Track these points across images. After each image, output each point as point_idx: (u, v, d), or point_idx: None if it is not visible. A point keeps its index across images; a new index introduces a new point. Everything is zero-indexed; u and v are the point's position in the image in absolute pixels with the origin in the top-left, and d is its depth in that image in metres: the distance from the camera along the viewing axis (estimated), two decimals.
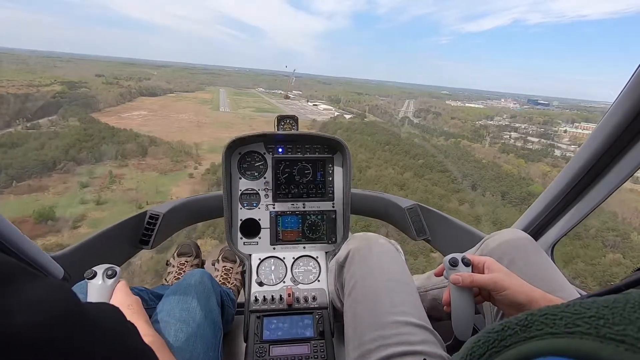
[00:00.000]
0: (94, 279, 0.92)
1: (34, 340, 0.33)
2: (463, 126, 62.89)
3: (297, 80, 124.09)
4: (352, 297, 1.05)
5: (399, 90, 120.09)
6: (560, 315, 0.38)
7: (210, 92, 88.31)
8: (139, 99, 67.98)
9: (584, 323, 0.35)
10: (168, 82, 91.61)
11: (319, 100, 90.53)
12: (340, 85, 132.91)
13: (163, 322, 0.99)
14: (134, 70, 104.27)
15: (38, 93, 50.40)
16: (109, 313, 0.56)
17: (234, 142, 1.60)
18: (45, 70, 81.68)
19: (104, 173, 26.40)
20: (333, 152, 1.72)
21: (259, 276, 1.57)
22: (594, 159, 1.11)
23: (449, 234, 1.82)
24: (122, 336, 0.52)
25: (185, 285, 1.13)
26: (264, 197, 1.69)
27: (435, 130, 59.17)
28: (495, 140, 51.13)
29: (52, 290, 0.41)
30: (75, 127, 36.86)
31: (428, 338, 0.88)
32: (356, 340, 0.93)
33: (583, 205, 1.25)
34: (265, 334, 1.38)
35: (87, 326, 0.42)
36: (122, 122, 45.94)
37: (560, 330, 0.36)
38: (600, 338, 0.32)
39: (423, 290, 1.39)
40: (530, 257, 1.05)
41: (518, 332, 0.41)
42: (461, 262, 0.92)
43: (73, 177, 24.88)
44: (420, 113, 79.21)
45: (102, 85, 69.38)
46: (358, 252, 1.14)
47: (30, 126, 36.46)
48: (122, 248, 1.70)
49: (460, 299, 0.89)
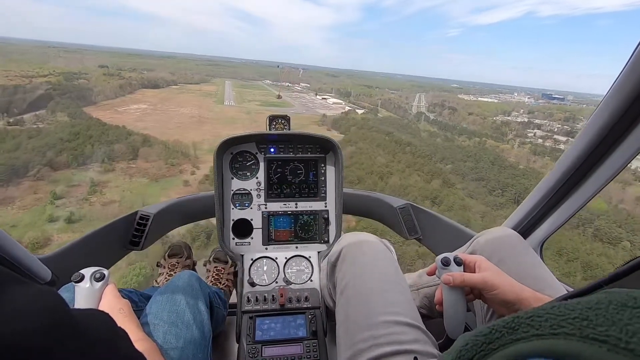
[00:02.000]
0: (81, 282, 0.88)
1: (19, 349, 0.32)
2: (483, 123, 58.28)
3: (304, 72, 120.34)
4: (344, 296, 1.04)
5: (408, 83, 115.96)
6: (546, 317, 0.38)
7: (214, 84, 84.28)
8: (140, 91, 64.00)
9: (568, 324, 0.35)
10: (172, 74, 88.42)
11: (327, 94, 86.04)
12: (348, 77, 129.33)
13: (151, 325, 0.97)
14: (138, 61, 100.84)
15: (30, 85, 46.49)
16: (99, 320, 0.55)
17: (226, 142, 1.57)
18: (48, 61, 78.25)
19: (84, 180, 22.46)
20: (325, 152, 1.70)
21: (251, 276, 1.55)
22: (583, 156, 1.12)
23: (440, 232, 1.81)
24: (112, 344, 0.50)
25: (173, 287, 1.10)
26: (256, 197, 1.66)
27: (454, 127, 54.39)
28: (520, 140, 46.85)
29: (40, 297, 0.40)
30: (63, 123, 32.93)
31: (419, 337, 0.88)
32: (348, 339, 0.93)
33: (571, 202, 1.26)
34: (258, 335, 1.37)
35: (75, 335, 0.41)
36: (118, 117, 41.92)
37: (545, 332, 0.37)
38: (584, 339, 0.32)
39: (414, 288, 1.39)
40: (519, 255, 1.06)
41: (505, 335, 0.41)
42: (453, 261, 0.93)
43: (47, 186, 20.92)
44: (435, 108, 74.87)
45: (103, 76, 65.69)
46: (350, 252, 1.13)
47: (14, 122, 32.67)
48: (111, 250, 1.65)
49: (452, 298, 0.91)
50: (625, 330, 0.31)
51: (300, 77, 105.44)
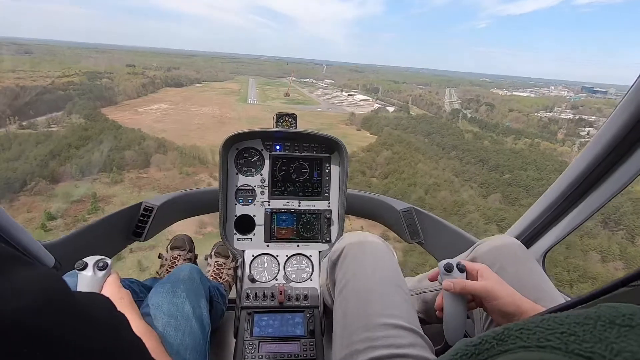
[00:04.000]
0: (84, 270, 0.89)
1: (19, 326, 0.32)
2: (527, 121, 52.09)
3: (328, 68, 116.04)
4: (342, 295, 1.02)
5: (435, 77, 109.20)
6: (534, 330, 0.38)
7: (238, 82, 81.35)
8: (163, 90, 61.73)
9: (555, 338, 0.35)
10: (197, 72, 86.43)
11: (354, 90, 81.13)
12: (373, 73, 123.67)
13: (151, 316, 0.97)
14: (165, 59, 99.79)
15: (52, 85, 45.06)
16: (100, 303, 0.54)
17: (232, 138, 1.56)
18: (78, 61, 78.04)
19: (88, 194, 19.57)
20: (330, 152, 1.68)
21: (251, 273, 1.54)
22: (591, 166, 1.09)
23: (442, 237, 1.78)
24: (112, 326, 0.50)
25: (174, 279, 1.10)
26: (259, 194, 1.64)
27: (495, 126, 48.60)
28: (573, 140, 40.89)
29: (42, 277, 0.40)
30: (76, 126, 30.53)
31: (416, 341, 0.86)
32: (345, 339, 0.92)
33: (577, 213, 1.22)
34: (256, 331, 1.36)
35: (76, 315, 0.41)
36: (137, 118, 39.40)
37: (532, 344, 0.37)
38: (569, 354, 0.32)
39: (414, 292, 1.37)
40: (520, 265, 1.04)
41: (494, 346, 0.41)
42: (456, 267, 0.92)
43: (44, 202, 18.15)
44: (470, 104, 68.92)
45: (127, 75, 64.26)
46: (351, 251, 1.11)
47: (27, 125, 30.53)
48: (114, 239, 1.65)
49: (453, 304, 0.90)
50: (610, 349, 0.30)
51: (324, 73, 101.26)
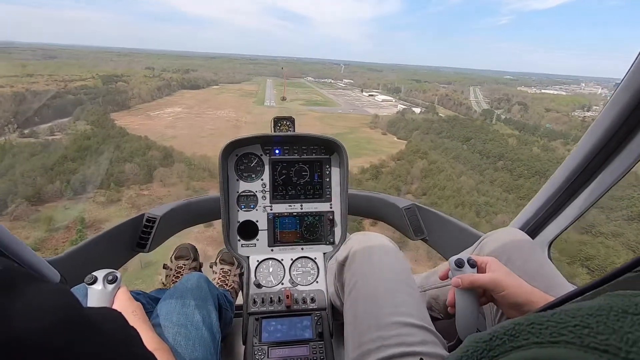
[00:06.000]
0: (94, 284, 0.88)
1: (34, 345, 0.32)
2: (569, 122, 46.75)
3: (346, 68, 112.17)
4: (352, 296, 1.02)
5: (458, 76, 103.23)
6: (546, 325, 0.37)
7: (255, 83, 78.42)
8: (179, 92, 59.27)
9: (569, 332, 0.34)
10: (215, 73, 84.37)
11: (374, 90, 76.66)
12: (392, 72, 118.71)
13: (161, 326, 0.97)
14: (185, 62, 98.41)
15: (64, 89, 43.20)
16: (112, 318, 0.54)
17: (231, 144, 1.55)
18: (98, 65, 77.21)
19: (75, 218, 16.55)
20: (330, 153, 1.67)
21: (257, 278, 1.53)
22: (591, 155, 1.09)
23: (447, 233, 1.77)
24: (125, 342, 0.50)
25: (182, 289, 1.09)
26: (261, 199, 1.63)
27: (535, 128, 43.47)
28: None
29: (54, 294, 0.39)
30: (79, 134, 27.87)
31: (428, 338, 0.86)
32: (356, 340, 0.92)
33: (580, 202, 1.22)
34: (264, 336, 1.35)
35: (89, 331, 0.40)
36: (147, 124, 36.64)
37: (544, 340, 0.35)
38: (584, 347, 0.31)
39: (422, 289, 1.36)
40: (526, 256, 1.04)
41: (506, 342, 0.40)
42: (467, 263, 0.91)
43: (23, 230, 15.21)
44: (500, 103, 63.57)
45: (143, 78, 62.48)
46: (359, 252, 1.10)
47: (28, 133, 28.07)
48: (118, 252, 1.63)
49: (465, 300, 0.89)
50: (625, 339, 0.30)
51: (342, 72, 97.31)
